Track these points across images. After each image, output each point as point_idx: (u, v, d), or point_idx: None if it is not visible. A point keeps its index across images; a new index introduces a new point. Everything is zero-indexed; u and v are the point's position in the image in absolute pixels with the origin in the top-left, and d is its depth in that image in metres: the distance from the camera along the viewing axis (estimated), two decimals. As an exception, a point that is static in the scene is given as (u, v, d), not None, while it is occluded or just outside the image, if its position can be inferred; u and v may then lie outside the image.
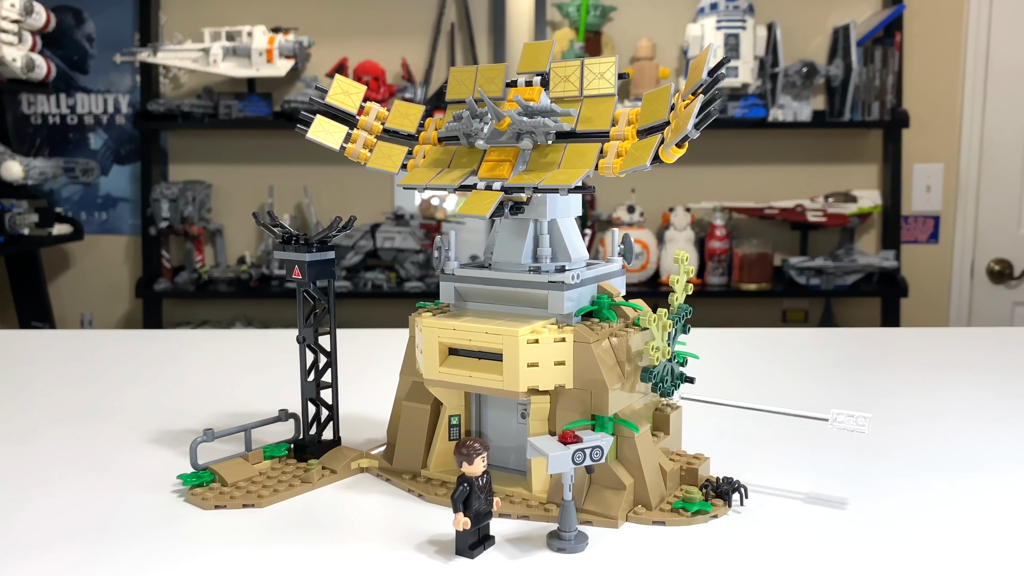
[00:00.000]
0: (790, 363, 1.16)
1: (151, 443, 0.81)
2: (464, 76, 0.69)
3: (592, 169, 0.61)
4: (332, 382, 0.74)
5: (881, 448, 0.78)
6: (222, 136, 3.07)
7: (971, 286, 3.07)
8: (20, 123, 3.08)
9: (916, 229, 3.07)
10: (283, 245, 0.72)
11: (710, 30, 2.75)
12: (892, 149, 2.92)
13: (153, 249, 2.98)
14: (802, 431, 0.76)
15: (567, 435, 0.57)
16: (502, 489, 0.64)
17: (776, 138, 3.01)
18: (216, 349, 1.29)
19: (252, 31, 2.77)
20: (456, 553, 0.56)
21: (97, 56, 3.07)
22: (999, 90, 2.97)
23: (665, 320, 0.64)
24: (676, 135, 0.57)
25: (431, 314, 0.68)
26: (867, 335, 1.39)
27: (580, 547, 0.57)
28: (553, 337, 0.62)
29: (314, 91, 0.73)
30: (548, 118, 0.63)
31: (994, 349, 1.22)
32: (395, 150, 0.71)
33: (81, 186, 3.09)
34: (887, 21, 2.81)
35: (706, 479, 0.67)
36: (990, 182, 3.02)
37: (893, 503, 0.65)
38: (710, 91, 0.57)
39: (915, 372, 1.11)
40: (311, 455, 0.74)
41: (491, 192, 0.63)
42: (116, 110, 3.09)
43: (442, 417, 0.69)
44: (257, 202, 3.08)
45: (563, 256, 0.67)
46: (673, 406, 0.71)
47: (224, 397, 0.99)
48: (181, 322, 3.12)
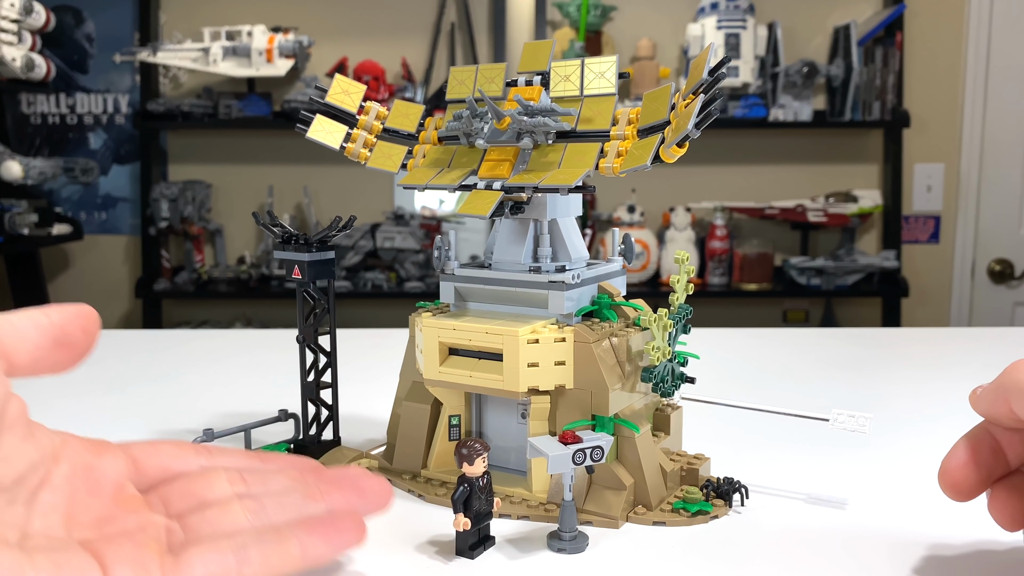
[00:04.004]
0: (790, 363, 1.16)
1: (150, 443, 0.81)
2: (464, 76, 0.69)
3: (592, 169, 0.61)
4: (332, 382, 0.74)
5: (882, 448, 0.78)
6: (222, 136, 3.07)
7: (972, 286, 3.07)
8: (19, 123, 3.08)
9: (917, 229, 3.07)
10: (283, 245, 0.72)
11: (710, 30, 2.75)
12: (893, 149, 2.93)
13: (153, 249, 2.98)
14: (802, 431, 0.76)
15: (567, 435, 0.57)
16: (502, 489, 0.64)
17: (776, 138, 3.01)
18: (216, 349, 1.29)
19: (252, 31, 2.77)
20: (456, 553, 0.55)
21: (97, 56, 3.07)
22: (1000, 90, 2.97)
23: (666, 320, 0.64)
24: (677, 135, 0.57)
25: (431, 314, 0.68)
26: (867, 335, 1.39)
27: (580, 547, 0.57)
28: (553, 337, 0.62)
29: (314, 91, 0.73)
30: (549, 117, 0.62)
31: (995, 349, 1.22)
32: (395, 150, 0.71)
33: (81, 186, 3.09)
34: (888, 21, 2.81)
35: (707, 479, 0.67)
36: (991, 182, 3.02)
37: (893, 503, 0.65)
38: (711, 91, 0.57)
39: (916, 372, 1.11)
40: (311, 455, 0.74)
41: (491, 192, 0.63)
42: (116, 110, 3.09)
43: (442, 417, 0.69)
44: (257, 202, 3.08)
45: (563, 256, 0.67)
46: (674, 406, 0.71)
47: (224, 397, 0.99)
48: (181, 322, 3.12)
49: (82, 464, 0.43)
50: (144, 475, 0.46)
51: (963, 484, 0.51)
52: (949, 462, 0.51)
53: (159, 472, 0.47)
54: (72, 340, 0.44)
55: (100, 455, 0.45)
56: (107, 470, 0.44)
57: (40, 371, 0.44)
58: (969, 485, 0.51)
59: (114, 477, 0.44)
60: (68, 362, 0.45)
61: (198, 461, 0.48)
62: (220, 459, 0.49)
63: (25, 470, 0.40)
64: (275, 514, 0.45)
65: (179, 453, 0.48)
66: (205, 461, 0.48)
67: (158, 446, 0.48)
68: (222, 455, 0.49)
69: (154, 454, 0.47)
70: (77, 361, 0.45)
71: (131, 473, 0.46)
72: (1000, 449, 0.51)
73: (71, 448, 0.44)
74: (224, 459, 0.49)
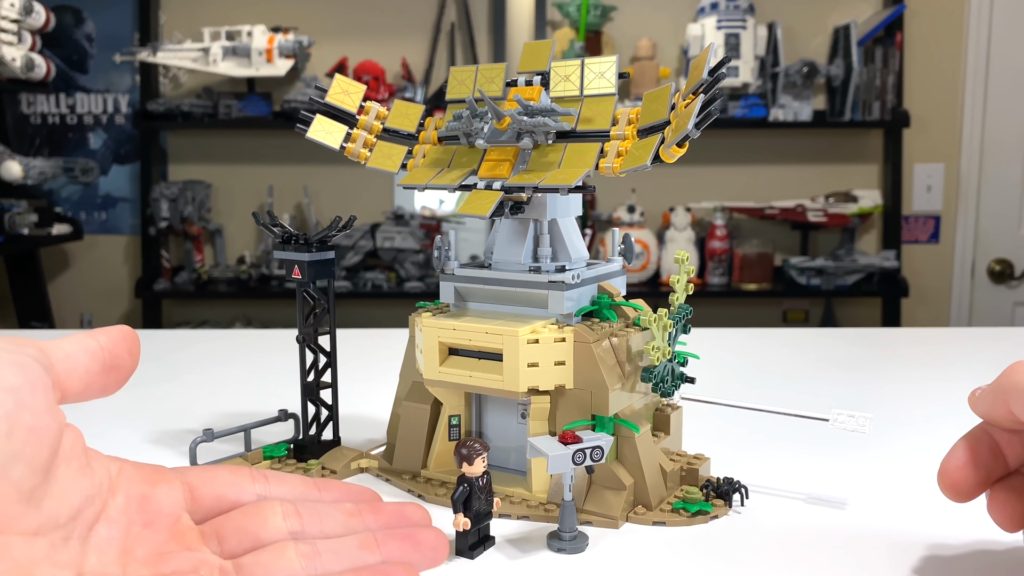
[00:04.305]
0: (790, 363, 1.16)
1: (150, 443, 0.81)
2: (464, 75, 0.69)
3: (592, 169, 0.61)
4: (332, 382, 0.74)
5: (882, 448, 0.78)
6: (222, 136, 3.07)
7: (972, 286, 3.07)
8: (19, 123, 3.08)
9: (917, 229, 3.07)
10: (283, 245, 0.72)
11: (710, 30, 2.75)
12: (893, 149, 2.92)
13: (153, 249, 2.98)
14: (802, 431, 0.76)
15: (567, 435, 0.57)
16: (502, 489, 0.64)
17: (776, 138, 3.01)
18: (216, 349, 1.29)
19: (252, 31, 2.77)
20: (456, 553, 0.55)
21: (97, 56, 3.07)
22: (1000, 90, 2.97)
23: (666, 320, 0.64)
24: (677, 135, 0.57)
25: (431, 314, 0.68)
26: (867, 335, 1.39)
27: (580, 547, 0.57)
28: (553, 337, 0.62)
29: (314, 91, 0.73)
30: (549, 117, 0.62)
31: (995, 349, 1.22)
32: (395, 149, 0.71)
33: (81, 186, 3.09)
34: (888, 21, 2.81)
35: (706, 479, 0.67)
36: (991, 182, 3.02)
37: (893, 503, 0.65)
38: (711, 91, 0.57)
39: (916, 372, 1.11)
40: (311, 455, 0.74)
41: (491, 192, 0.63)
42: (116, 110, 3.09)
43: (442, 417, 0.69)
44: (257, 202, 3.08)
45: (563, 256, 0.67)
46: (673, 406, 0.71)
47: (223, 397, 0.99)
48: (181, 322, 3.12)
49: (138, 495, 0.43)
50: (200, 504, 0.45)
51: (962, 485, 0.51)
52: (948, 463, 0.51)
53: (215, 501, 0.46)
54: (120, 363, 0.44)
55: (156, 484, 0.44)
56: (163, 500, 0.44)
57: (89, 396, 0.43)
58: (968, 486, 0.51)
59: (170, 508, 0.44)
60: (115, 385, 0.44)
61: (254, 489, 0.47)
62: (276, 487, 0.48)
63: (81, 504, 0.39)
64: (329, 563, 0.44)
65: (235, 480, 0.47)
66: (261, 489, 0.47)
67: (214, 473, 0.47)
68: (279, 482, 0.48)
69: (210, 481, 0.46)
70: (123, 383, 0.45)
71: (187, 502, 0.45)
72: (999, 450, 0.51)
73: (127, 477, 0.43)
74: (280, 487, 0.48)
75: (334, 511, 0.47)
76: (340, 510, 0.47)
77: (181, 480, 0.45)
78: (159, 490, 0.44)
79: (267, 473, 0.49)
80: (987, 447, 0.51)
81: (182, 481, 0.45)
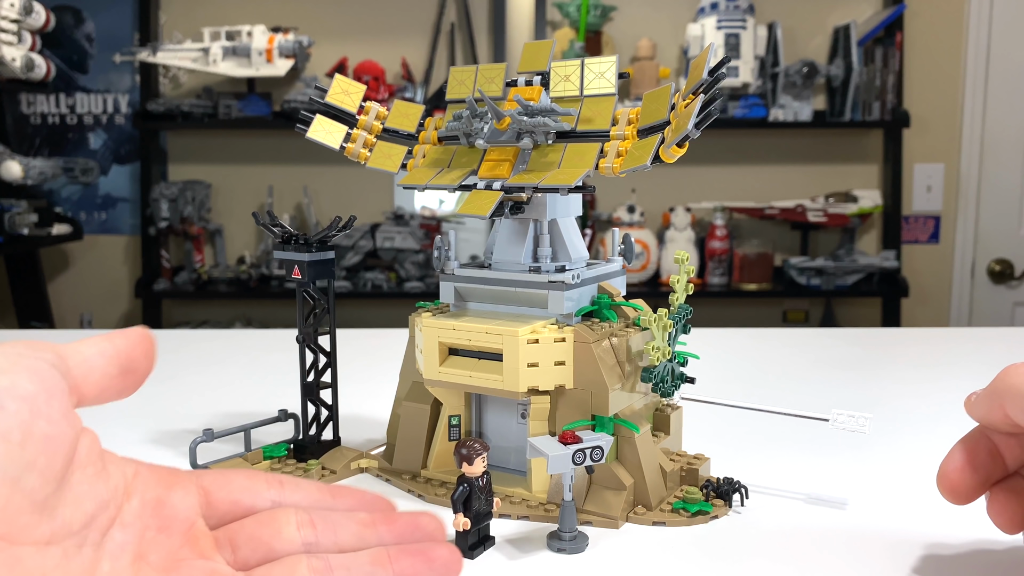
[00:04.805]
0: (790, 363, 1.16)
1: (150, 443, 0.81)
2: (464, 76, 0.69)
3: (592, 169, 0.61)
4: (332, 382, 0.74)
5: (882, 448, 0.78)
6: (222, 136, 3.07)
7: (972, 286, 3.07)
8: (19, 123, 3.08)
9: (917, 229, 3.07)
10: (282, 245, 0.72)
11: (710, 30, 2.75)
12: (893, 149, 2.92)
13: (152, 249, 2.98)
14: (802, 431, 0.76)
15: (567, 435, 0.57)
16: (502, 489, 0.64)
17: (776, 138, 3.01)
18: (215, 349, 1.29)
19: (252, 31, 2.77)
20: (456, 554, 0.55)
21: (97, 56, 3.07)
22: (1000, 90, 2.97)
23: (666, 320, 0.64)
24: (676, 135, 0.57)
25: (431, 314, 0.68)
26: (867, 335, 1.39)
27: (580, 547, 0.57)
28: (553, 337, 0.62)
29: (314, 91, 0.73)
30: (548, 117, 0.62)
31: (994, 349, 1.22)
32: (395, 150, 0.71)
33: (80, 186, 3.09)
34: (888, 21, 2.81)
35: (706, 479, 0.67)
36: (991, 182, 3.02)
37: (893, 503, 0.65)
38: (711, 91, 0.57)
39: (915, 372, 1.11)
40: (311, 455, 0.74)
41: (491, 192, 0.63)
42: (116, 110, 3.09)
43: (442, 417, 0.69)
44: (257, 202, 3.08)
45: (563, 256, 0.67)
46: (673, 406, 0.71)
47: (223, 397, 0.99)
48: (181, 322, 3.12)
49: (153, 498, 0.43)
50: (214, 509, 0.45)
51: (961, 488, 0.51)
52: (947, 466, 0.51)
53: (229, 506, 0.46)
54: (136, 366, 0.44)
55: (171, 488, 0.44)
56: (178, 505, 0.43)
57: (106, 399, 0.43)
58: (967, 489, 0.51)
59: (185, 513, 0.44)
60: (131, 388, 0.44)
61: (269, 495, 0.47)
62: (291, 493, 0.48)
63: (95, 510, 0.39)
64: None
65: (250, 486, 0.47)
66: (276, 495, 0.47)
67: (230, 477, 0.47)
68: (293, 488, 0.48)
69: (225, 485, 0.46)
70: (139, 386, 0.45)
71: (202, 507, 0.45)
72: (997, 452, 0.51)
73: (142, 480, 0.43)
74: (295, 494, 0.48)
75: (348, 521, 0.47)
76: (354, 520, 0.47)
77: (196, 484, 0.45)
78: (174, 494, 0.44)
79: (282, 478, 0.49)
80: (985, 449, 0.51)
81: (197, 485, 0.45)
